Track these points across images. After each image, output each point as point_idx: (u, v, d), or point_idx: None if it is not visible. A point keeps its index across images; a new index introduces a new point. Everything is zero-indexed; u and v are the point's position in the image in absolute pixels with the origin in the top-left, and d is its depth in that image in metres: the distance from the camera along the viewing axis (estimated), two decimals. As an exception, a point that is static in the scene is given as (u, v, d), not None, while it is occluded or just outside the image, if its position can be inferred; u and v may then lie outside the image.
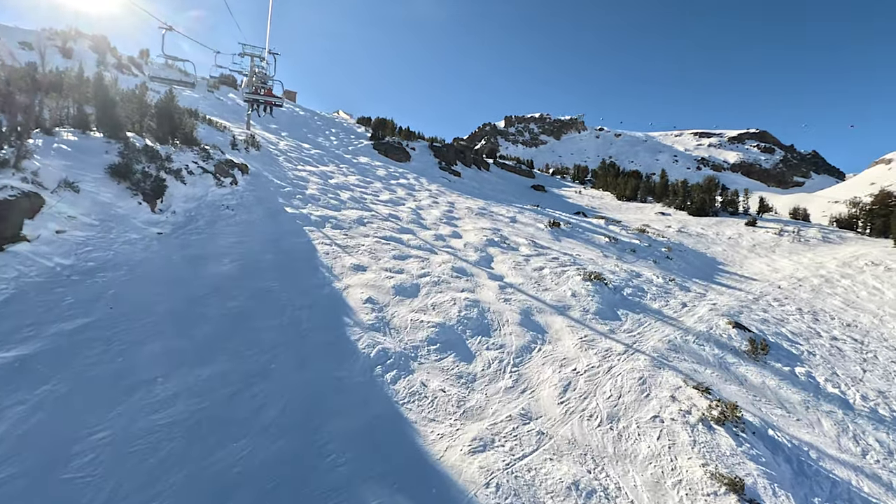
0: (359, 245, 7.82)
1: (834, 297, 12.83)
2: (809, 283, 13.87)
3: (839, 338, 9.04)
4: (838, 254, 17.54)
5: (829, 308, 11.54)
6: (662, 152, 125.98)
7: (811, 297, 12.44)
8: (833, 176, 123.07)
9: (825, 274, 14.94)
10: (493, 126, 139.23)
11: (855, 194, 76.13)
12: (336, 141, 22.92)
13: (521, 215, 15.79)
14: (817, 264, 16.14)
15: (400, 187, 16.00)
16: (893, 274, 14.67)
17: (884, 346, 9.15)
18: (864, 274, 14.86)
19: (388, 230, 9.40)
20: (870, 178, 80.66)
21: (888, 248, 17.99)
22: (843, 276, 14.66)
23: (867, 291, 13.24)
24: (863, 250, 17.74)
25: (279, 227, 7.69)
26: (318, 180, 12.64)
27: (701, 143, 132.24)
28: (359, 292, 5.80)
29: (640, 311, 7.76)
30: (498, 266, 8.71)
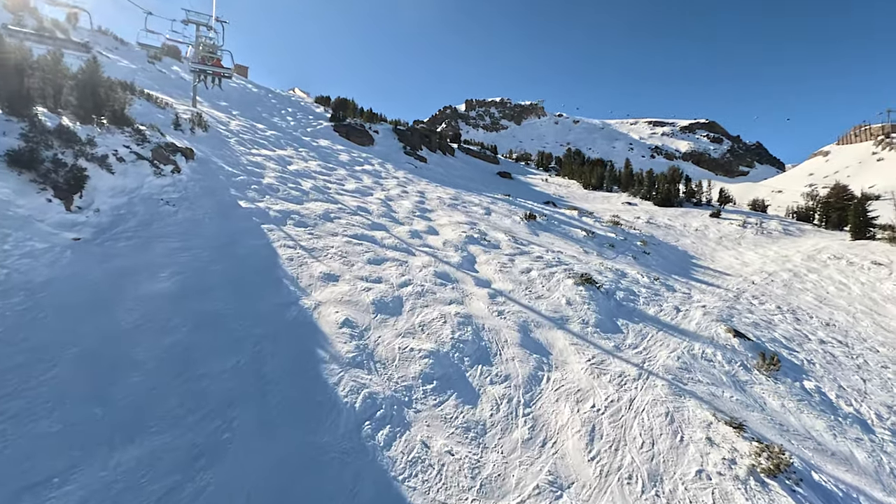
0: (327, 247, 6.77)
1: (805, 292, 12.84)
2: (780, 277, 13.88)
3: (826, 340, 8.84)
4: (801, 247, 17.85)
5: (804, 305, 11.46)
6: (619, 140, 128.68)
7: (785, 293, 12.37)
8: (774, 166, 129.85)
9: (792, 268, 15.04)
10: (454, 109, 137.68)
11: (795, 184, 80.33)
12: (293, 121, 21.27)
13: (495, 206, 15.02)
14: (783, 258, 16.30)
15: (366, 175, 14.83)
16: (855, 268, 14.96)
17: (866, 347, 9.02)
18: (828, 268, 15.08)
19: (358, 226, 8.36)
20: (808, 169, 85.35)
21: (846, 241, 18.50)
22: (809, 271, 14.81)
23: (835, 287, 13.36)
24: (823, 243, 18.15)
25: (232, 226, 6.51)
26: (276, 167, 11.33)
27: (655, 131, 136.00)
28: (333, 312, 4.81)
29: (639, 319, 7.15)
30: (483, 268, 7.88)
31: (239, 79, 26.75)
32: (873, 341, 9.58)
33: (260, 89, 26.13)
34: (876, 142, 76.35)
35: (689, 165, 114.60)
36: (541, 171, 37.07)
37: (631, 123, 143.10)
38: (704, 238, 18.70)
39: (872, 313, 11.57)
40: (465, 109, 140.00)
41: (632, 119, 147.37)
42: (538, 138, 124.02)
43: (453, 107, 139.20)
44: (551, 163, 41.08)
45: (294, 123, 20.85)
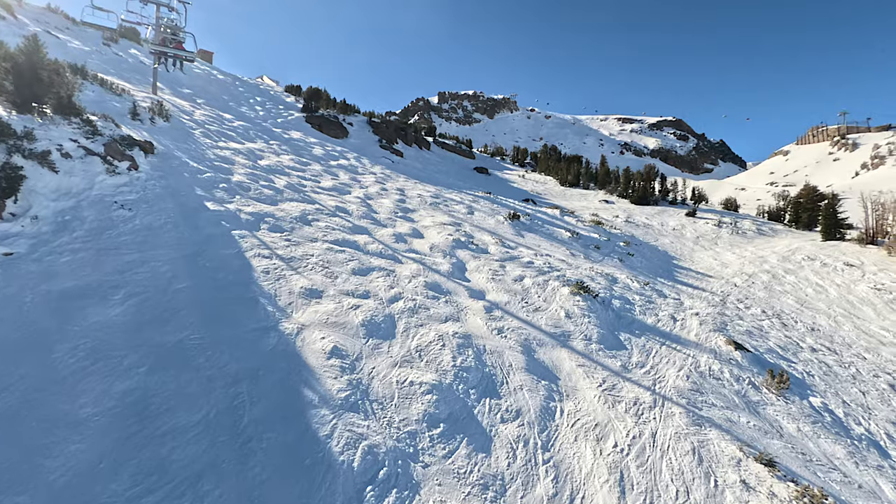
0: (307, 256, 6.11)
1: (785, 295, 12.89)
2: (759, 279, 13.92)
3: (816, 348, 8.74)
4: (775, 247, 18.10)
5: (787, 309, 11.44)
6: (589, 135, 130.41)
7: (767, 296, 12.36)
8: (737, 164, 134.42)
9: (770, 269, 15.15)
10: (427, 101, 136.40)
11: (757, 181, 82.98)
12: (263, 112, 20.17)
13: (477, 205, 14.53)
14: (760, 259, 16.43)
15: (342, 170, 14.07)
16: (829, 270, 15.19)
17: (854, 354, 8.98)
18: (804, 270, 15.26)
19: (338, 230, 7.70)
20: (769, 167, 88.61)
21: (817, 241, 18.88)
22: (786, 272, 14.93)
23: (812, 289, 13.48)
24: (796, 244, 18.46)
25: (199, 232, 5.77)
26: (246, 161, 10.48)
27: (624, 128, 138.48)
28: (319, 337, 4.19)
29: (640, 331, 6.80)
30: (474, 277, 7.37)
31: (203, 65, 25.29)
32: (858, 347, 9.58)
33: (226, 76, 24.76)
34: (832, 142, 79.88)
35: (656, 162, 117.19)
36: (516, 167, 36.80)
37: (601, 120, 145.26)
38: (682, 238, 18.74)
39: (852, 316, 11.66)
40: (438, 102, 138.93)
41: (602, 115, 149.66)
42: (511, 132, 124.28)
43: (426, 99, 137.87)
44: (526, 158, 40.89)
45: (264, 114, 19.78)
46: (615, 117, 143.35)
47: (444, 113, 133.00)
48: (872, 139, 72.03)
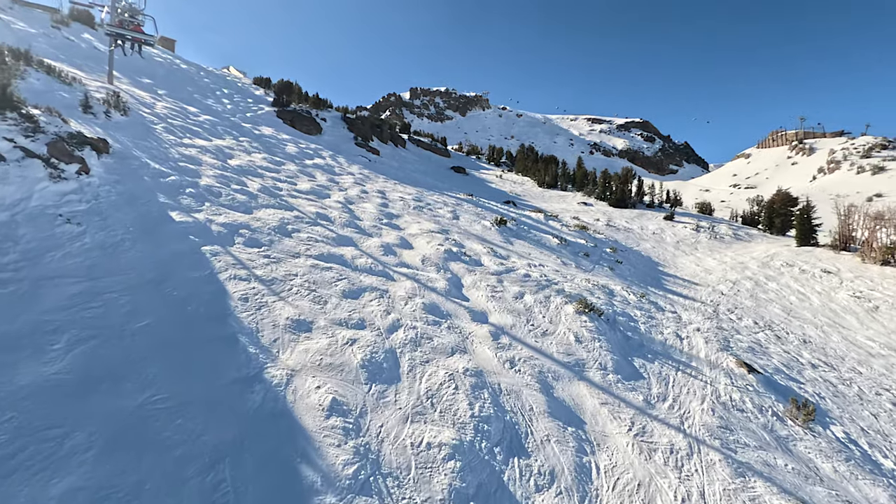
0: (290, 276, 5.36)
1: (771, 303, 12.85)
2: (744, 287, 13.87)
3: (816, 364, 8.56)
4: (753, 253, 18.24)
5: (775, 319, 11.34)
6: (560, 135, 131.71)
7: (755, 305, 12.27)
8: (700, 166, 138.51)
9: (752, 276, 15.17)
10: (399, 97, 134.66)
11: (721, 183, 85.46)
12: (231, 105, 18.96)
13: (461, 208, 13.94)
14: (740, 264, 16.48)
15: (318, 170, 13.21)
16: (808, 276, 15.33)
17: (849, 369, 8.86)
18: (784, 276, 15.35)
19: (322, 242, 6.94)
20: (732, 169, 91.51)
21: (792, 246, 19.16)
22: (767, 279, 14.98)
23: (796, 297, 13.51)
24: (773, 249, 18.67)
25: (163, 251, 4.93)
26: (215, 161, 9.54)
27: (593, 128, 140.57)
28: (313, 387, 3.49)
29: (651, 355, 6.35)
30: (473, 294, 6.77)
31: (165, 53, 23.70)
32: (851, 360, 9.49)
33: (190, 66, 23.26)
34: (791, 147, 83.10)
35: (624, 162, 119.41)
36: (492, 166, 36.41)
37: (571, 119, 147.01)
38: (663, 242, 18.69)
39: (837, 326, 11.66)
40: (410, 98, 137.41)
41: (572, 115, 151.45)
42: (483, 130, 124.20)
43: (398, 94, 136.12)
44: (502, 157, 40.59)
45: (231, 107, 18.58)
46: (585, 117, 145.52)
47: (415, 109, 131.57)
48: (828, 144, 75.28)
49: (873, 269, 15.80)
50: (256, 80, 28.43)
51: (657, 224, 21.18)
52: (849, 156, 64.00)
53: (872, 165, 56.04)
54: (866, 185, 51.30)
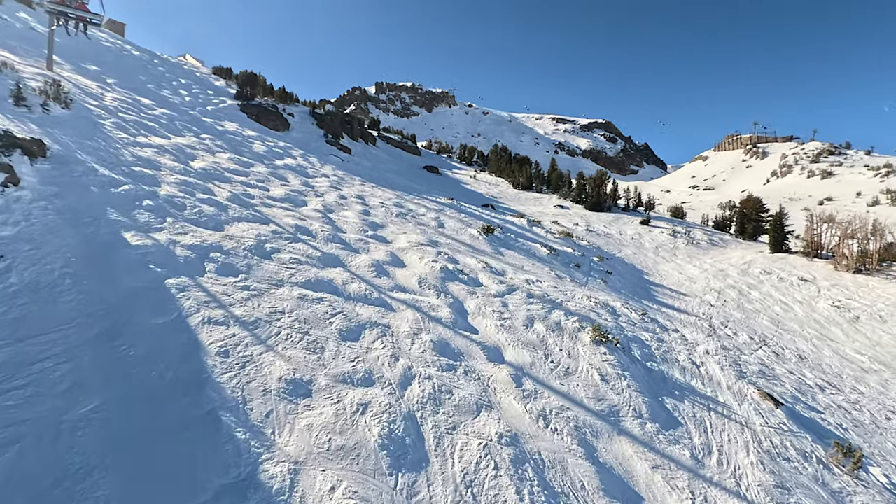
0: (276, 313, 4.45)
1: (758, 314, 12.75)
2: (729, 296, 13.76)
3: (822, 385, 8.31)
4: (731, 259, 18.33)
5: (767, 332, 11.17)
6: (525, 133, 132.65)
7: (744, 317, 12.11)
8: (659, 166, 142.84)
9: (734, 284, 15.12)
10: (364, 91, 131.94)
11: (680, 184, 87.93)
12: (189, 97, 17.43)
13: (444, 216, 13.16)
14: (720, 272, 16.46)
15: (290, 172, 12.12)
16: (787, 285, 15.43)
17: (851, 389, 8.67)
18: (765, 285, 15.38)
19: (307, 263, 6.02)
20: (690, 171, 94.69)
21: (765, 253, 19.41)
22: (750, 288, 14.96)
23: (780, 307, 13.48)
24: (748, 256, 18.83)
25: (115, 289, 3.92)
26: (176, 164, 8.38)
27: (558, 128, 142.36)
28: (326, 489, 2.65)
29: (678, 391, 5.81)
30: (480, 324, 6.02)
31: (114, 37, 21.71)
32: (849, 378, 9.34)
33: (142, 52, 21.38)
34: (745, 150, 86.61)
35: (588, 162, 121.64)
36: (464, 166, 35.77)
37: (536, 119, 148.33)
38: (643, 248, 18.53)
39: (825, 339, 11.62)
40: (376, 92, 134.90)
41: (537, 115, 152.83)
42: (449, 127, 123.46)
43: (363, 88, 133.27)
44: (474, 157, 40.01)
45: (191, 100, 17.06)
46: (549, 117, 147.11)
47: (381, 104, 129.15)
48: (779, 149, 78.88)
49: (846, 276, 16.08)
50: (216, 70, 26.60)
51: (635, 229, 21.06)
52: (799, 160, 67.18)
53: (821, 170, 58.95)
54: (817, 188, 53.84)
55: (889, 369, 10.30)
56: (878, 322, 12.82)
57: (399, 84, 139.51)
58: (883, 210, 42.14)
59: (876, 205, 43.62)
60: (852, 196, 47.81)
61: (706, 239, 20.97)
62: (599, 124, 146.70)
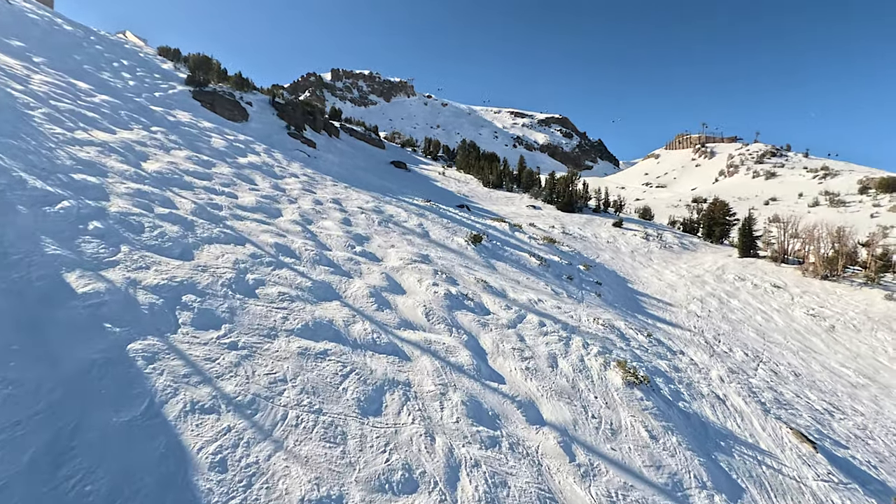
0: (276, 384, 3.47)
1: (742, 325, 12.72)
2: (711, 305, 13.69)
3: (830, 410, 8.12)
4: (703, 264, 18.48)
5: (756, 346, 11.07)
6: (484, 127, 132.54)
7: (731, 329, 11.99)
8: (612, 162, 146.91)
9: (713, 292, 15.13)
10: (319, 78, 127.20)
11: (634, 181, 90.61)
12: (134, 81, 15.51)
13: (426, 220, 12.27)
14: (697, 278, 16.48)
15: (257, 173, 10.84)
16: (761, 292, 15.62)
17: (851, 409, 8.57)
18: (741, 292, 15.50)
19: (298, 298, 5.01)
20: (643, 168, 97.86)
21: (734, 257, 19.75)
22: (728, 295, 15.01)
23: (761, 317, 13.54)
24: (720, 261, 19.07)
25: (56, 368, 2.82)
26: (125, 167, 7.03)
27: (516, 122, 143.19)
28: None
29: (723, 442, 5.27)
30: (504, 368, 5.25)
31: (42, 8, 19.14)
32: (844, 396, 9.28)
33: (76, 28, 18.96)
34: (694, 150, 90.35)
35: (545, 157, 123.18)
36: (430, 161, 34.82)
37: (495, 112, 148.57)
38: (619, 252, 18.36)
39: (810, 351, 11.66)
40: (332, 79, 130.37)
41: (495, 108, 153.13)
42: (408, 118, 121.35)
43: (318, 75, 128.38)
44: (439, 151, 39.09)
45: (135, 84, 15.17)
46: (508, 111, 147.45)
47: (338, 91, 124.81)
48: (726, 149, 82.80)
49: (815, 283, 16.47)
50: (162, 51, 24.25)
51: (608, 231, 20.92)
52: (745, 161, 70.67)
53: (765, 171, 62.16)
54: (762, 188, 56.68)
55: (874, 383, 10.37)
56: (852, 332, 13.06)
57: (356, 72, 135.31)
58: (822, 211, 44.73)
59: (816, 206, 46.27)
60: (794, 197, 50.53)
61: (677, 242, 21.12)
62: (556, 119, 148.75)
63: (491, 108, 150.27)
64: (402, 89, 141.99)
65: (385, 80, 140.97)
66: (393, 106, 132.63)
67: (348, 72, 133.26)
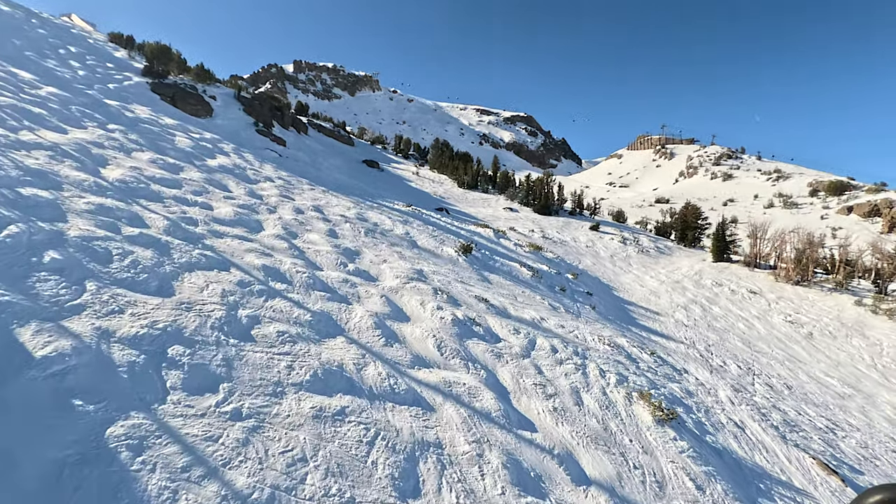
0: (296, 466, 2.84)
1: (728, 333, 12.76)
2: (695, 314, 13.71)
3: (830, 427, 8.08)
4: (680, 269, 18.65)
5: (745, 357, 11.08)
6: (451, 123, 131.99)
7: (719, 339, 11.99)
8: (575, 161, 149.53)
9: (693, 298, 15.20)
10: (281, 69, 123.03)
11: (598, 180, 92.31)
12: (84, 71, 14.11)
13: (412, 229, 11.66)
14: (677, 283, 16.57)
15: (230, 178, 9.93)
16: (740, 298, 15.84)
17: (848, 425, 8.60)
18: (720, 298, 15.66)
19: (300, 338, 4.34)
20: (606, 168, 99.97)
21: (708, 261, 20.07)
22: (709, 302, 15.12)
23: (744, 324, 13.66)
24: (696, 265, 19.31)
25: (12, 479, 2.10)
26: (83, 175, 6.10)
27: (482, 119, 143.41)
28: None
29: (762, 485, 4.98)
30: (531, 410, 4.76)
31: (-27, -15, 17.21)
32: (835, 408, 9.34)
33: (15, 9, 17.16)
34: (655, 151, 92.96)
35: (511, 155, 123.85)
36: (402, 159, 34.02)
37: (461, 109, 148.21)
38: (599, 257, 18.28)
39: (795, 361, 11.79)
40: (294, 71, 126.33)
41: (461, 105, 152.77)
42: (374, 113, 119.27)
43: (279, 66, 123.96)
44: (410, 149, 38.32)
45: (86, 74, 13.78)
46: (474, 108, 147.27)
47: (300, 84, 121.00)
48: (685, 151, 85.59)
49: (788, 288, 16.84)
50: (114, 38, 22.41)
51: (587, 236, 20.85)
52: (703, 162, 73.18)
53: (723, 173, 64.54)
54: (720, 189, 58.76)
55: (859, 392, 10.53)
56: (829, 339, 13.33)
57: (320, 64, 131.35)
58: (777, 212, 46.65)
59: (771, 207, 48.25)
60: (751, 198, 52.53)
61: (653, 247, 21.29)
62: (521, 118, 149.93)
63: (457, 105, 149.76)
64: (367, 83, 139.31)
65: (349, 74, 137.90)
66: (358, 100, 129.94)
67: (311, 64, 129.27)
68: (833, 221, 40.98)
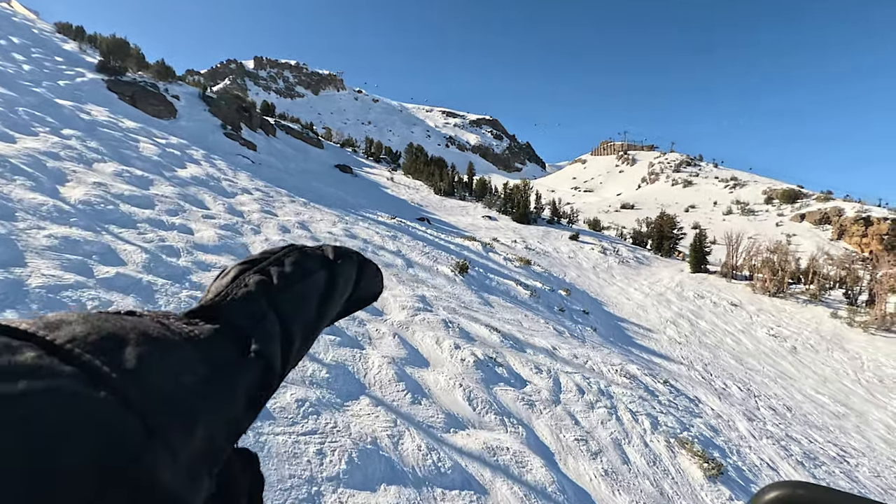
0: None
1: (718, 349, 12.74)
2: (684, 329, 13.65)
3: (841, 455, 7.98)
4: (662, 280, 18.73)
5: (741, 377, 11.01)
6: (417, 125, 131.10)
7: (712, 357, 11.91)
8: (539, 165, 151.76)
9: (679, 312, 15.20)
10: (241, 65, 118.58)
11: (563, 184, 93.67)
12: (30, 65, 12.66)
13: (401, 245, 11.00)
14: (661, 296, 16.58)
15: (205, 191, 8.99)
16: (722, 311, 15.98)
17: (851, 448, 8.56)
18: (704, 311, 15.74)
19: (322, 408, 3.66)
20: (571, 173, 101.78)
21: (686, 272, 20.29)
22: (695, 316, 15.14)
23: (731, 339, 13.70)
24: (676, 276, 19.46)
25: None
26: (39, 198, 5.14)
27: (448, 121, 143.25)
28: None
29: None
30: (580, 476, 4.25)
31: None
32: (835, 430, 9.33)
33: (-53, -8, 15.34)
34: (618, 157, 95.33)
35: (477, 158, 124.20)
36: (374, 163, 33.10)
37: (427, 111, 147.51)
38: (582, 268, 18.11)
39: (786, 378, 11.84)
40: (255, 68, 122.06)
41: (427, 106, 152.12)
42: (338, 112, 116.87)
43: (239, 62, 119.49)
44: (381, 153, 37.40)
45: (33, 69, 12.37)
46: (440, 110, 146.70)
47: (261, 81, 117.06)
48: (646, 157, 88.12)
49: (765, 300, 17.15)
50: (62, 28, 20.54)
51: (568, 246, 20.70)
52: (664, 169, 75.52)
53: (683, 180, 66.72)
54: (681, 196, 60.66)
55: (851, 411, 10.61)
56: (812, 352, 13.54)
57: (282, 61, 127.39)
58: (735, 219, 48.42)
59: (730, 213, 50.05)
60: (710, 205, 54.39)
61: (632, 257, 21.37)
62: (487, 121, 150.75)
63: (423, 107, 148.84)
64: (331, 82, 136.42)
65: (313, 72, 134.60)
66: (322, 99, 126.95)
67: (273, 61, 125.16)
68: (787, 228, 42.94)
